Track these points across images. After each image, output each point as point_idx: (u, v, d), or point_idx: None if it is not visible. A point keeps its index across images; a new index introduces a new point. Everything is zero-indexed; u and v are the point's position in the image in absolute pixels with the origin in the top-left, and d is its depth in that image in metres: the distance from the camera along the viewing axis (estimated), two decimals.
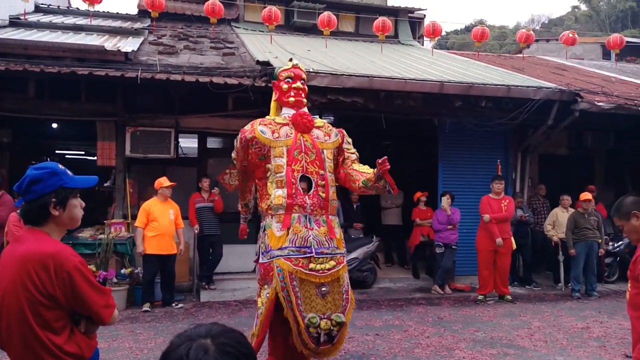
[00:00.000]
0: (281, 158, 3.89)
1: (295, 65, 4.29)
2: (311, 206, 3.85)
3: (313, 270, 3.73)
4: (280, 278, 3.73)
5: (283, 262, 3.74)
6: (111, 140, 8.05)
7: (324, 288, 3.76)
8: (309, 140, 4.00)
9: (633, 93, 9.90)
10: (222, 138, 9.39)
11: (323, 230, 3.85)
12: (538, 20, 56.48)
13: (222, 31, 11.31)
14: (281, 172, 3.87)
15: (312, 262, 3.74)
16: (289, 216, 3.81)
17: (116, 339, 5.76)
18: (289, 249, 3.75)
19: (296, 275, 3.72)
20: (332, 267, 3.79)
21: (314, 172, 3.93)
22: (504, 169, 9.37)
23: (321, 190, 3.91)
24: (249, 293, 8.02)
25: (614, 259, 9.48)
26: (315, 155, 3.95)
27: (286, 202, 3.81)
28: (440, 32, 11.73)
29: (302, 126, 4.01)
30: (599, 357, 5.34)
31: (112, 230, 7.62)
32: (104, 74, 7.22)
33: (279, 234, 3.80)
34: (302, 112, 4.08)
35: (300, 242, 3.76)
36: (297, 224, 3.79)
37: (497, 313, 7.24)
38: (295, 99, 4.12)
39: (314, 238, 3.79)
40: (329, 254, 3.81)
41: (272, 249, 3.80)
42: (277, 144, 3.92)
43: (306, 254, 3.74)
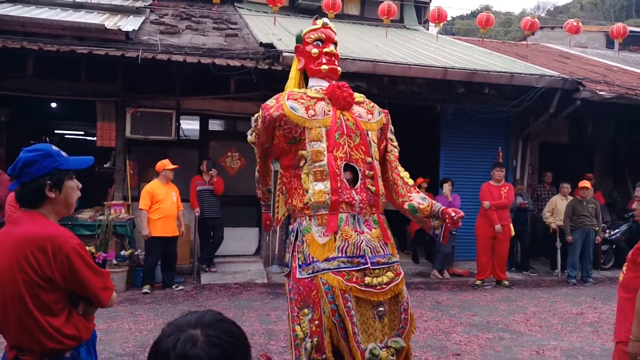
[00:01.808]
0: (320, 142, 2.99)
1: (325, 24, 3.34)
2: (360, 203, 2.98)
3: (370, 286, 2.88)
4: (330, 298, 2.86)
5: (332, 277, 2.86)
6: (111, 121, 8.02)
7: (381, 308, 2.92)
8: (351, 120, 3.10)
9: (634, 83, 9.88)
10: (224, 120, 9.38)
11: (376, 233, 2.99)
12: (544, 7, 56.08)
13: (225, 12, 11.23)
14: (321, 160, 2.97)
15: (367, 275, 2.89)
16: (334, 217, 2.93)
17: (115, 320, 5.81)
18: (338, 259, 2.88)
19: (351, 294, 2.85)
20: (390, 281, 2.94)
21: (359, 160, 3.04)
22: (504, 156, 9.39)
23: (370, 182, 3.04)
24: (250, 276, 8.08)
25: (610, 247, 9.56)
26: (360, 139, 3.07)
27: (330, 198, 2.92)
28: (445, 18, 11.66)
29: (342, 101, 3.10)
30: (591, 342, 5.42)
31: (112, 212, 7.62)
32: (104, 53, 7.17)
33: (322, 241, 2.92)
34: (340, 83, 3.16)
35: (352, 251, 2.89)
36: (345, 227, 2.93)
37: (494, 298, 7.31)
38: (329, 66, 3.20)
39: (367, 244, 2.93)
40: (385, 263, 2.96)
41: (315, 261, 2.91)
42: (313, 124, 3.02)
43: (360, 266, 2.88)
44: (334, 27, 3.35)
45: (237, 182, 9.04)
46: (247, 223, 9.06)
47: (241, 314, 6.11)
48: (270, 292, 7.27)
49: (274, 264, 8.54)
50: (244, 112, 8.69)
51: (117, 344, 5.08)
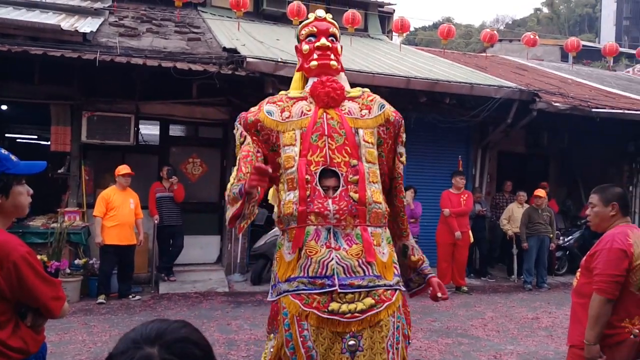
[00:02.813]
0: (292, 147, 2.64)
1: (318, 17, 2.93)
2: (336, 214, 2.51)
3: (335, 313, 2.41)
4: (286, 325, 2.47)
5: (290, 300, 2.48)
6: (66, 125, 7.75)
7: (352, 341, 2.42)
8: (336, 118, 2.69)
9: (587, 95, 10.27)
10: (185, 126, 9.24)
11: (356, 249, 2.50)
12: (502, 20, 57.81)
13: (187, 15, 11.10)
14: (292, 166, 2.60)
15: (334, 299, 2.43)
16: (301, 231, 2.53)
17: (68, 332, 5.60)
18: (299, 279, 2.48)
19: (308, 322, 2.43)
20: (367, 309, 2.44)
21: (341, 163, 2.60)
22: (464, 164, 9.57)
23: (353, 189, 2.56)
24: (211, 285, 7.95)
25: (563, 253, 9.86)
26: (344, 139, 2.65)
27: (297, 209, 2.54)
28: (408, 28, 11.85)
29: (325, 97, 2.71)
30: (546, 346, 5.56)
31: (65, 219, 7.36)
32: (60, 55, 6.95)
33: (288, 258, 2.56)
34: (325, 78, 2.76)
35: (315, 270, 2.46)
36: (312, 242, 2.50)
37: (453, 304, 7.41)
38: (318, 62, 2.79)
39: (340, 262, 2.46)
40: (363, 287, 2.45)
41: (279, 281, 2.57)
42: (286, 126, 2.67)
43: (324, 288, 2.43)
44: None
45: (198, 188, 8.91)
46: (208, 231, 8.92)
47: (201, 324, 5.99)
48: (231, 301, 7.16)
49: (236, 273, 8.43)
50: (206, 117, 8.60)
51: (70, 356, 4.90)
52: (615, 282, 2.68)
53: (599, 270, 2.73)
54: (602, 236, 2.88)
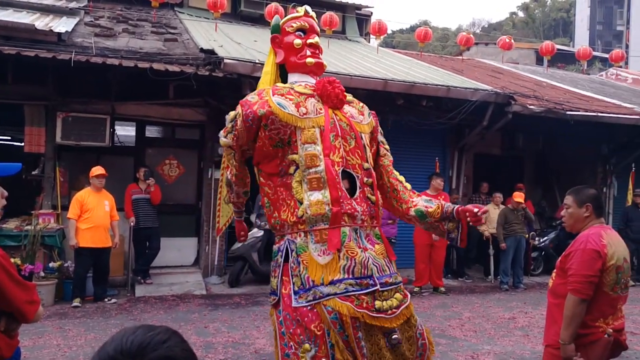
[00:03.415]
0: (314, 145, 2.56)
1: (307, 13, 2.92)
2: (362, 215, 2.57)
3: (381, 311, 2.45)
4: (339, 329, 2.41)
5: (340, 303, 2.41)
6: (40, 126, 7.62)
7: (395, 335, 2.48)
8: (344, 120, 2.70)
9: (561, 98, 10.46)
10: (162, 127, 9.15)
11: (380, 249, 2.60)
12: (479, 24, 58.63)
13: (164, 16, 10.99)
14: (317, 165, 2.53)
15: (376, 298, 2.46)
16: (337, 232, 2.49)
17: (42, 336, 5.50)
18: (345, 281, 2.44)
19: (361, 322, 2.42)
20: (400, 303, 2.53)
21: (356, 166, 2.63)
22: (441, 166, 9.66)
23: (369, 191, 2.64)
24: (188, 287, 7.87)
25: (539, 253, 10.02)
26: (355, 141, 2.67)
27: (331, 210, 2.49)
28: (385, 31, 11.93)
29: (335, 98, 2.70)
30: (522, 346, 5.63)
31: (40, 222, 7.23)
32: (34, 54, 6.82)
33: (323, 260, 2.48)
34: (330, 78, 2.76)
35: (360, 270, 2.46)
36: (350, 243, 2.50)
37: (431, 304, 7.47)
38: (315, 59, 2.79)
39: (374, 262, 2.52)
40: (393, 284, 2.56)
41: (316, 285, 2.45)
42: (306, 123, 2.59)
43: (369, 288, 2.46)
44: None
45: (175, 190, 8.83)
46: (185, 233, 8.84)
47: (178, 327, 5.92)
48: (209, 304, 7.11)
49: (214, 275, 8.38)
50: (183, 118, 8.53)
51: None
52: (589, 283, 2.72)
53: (573, 271, 2.77)
54: (576, 237, 2.93)
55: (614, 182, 11.28)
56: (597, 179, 11.17)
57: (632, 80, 16.42)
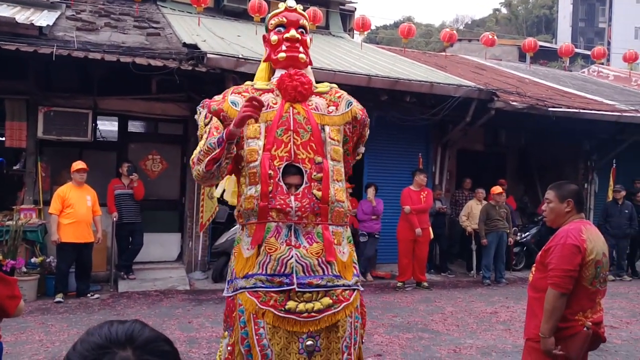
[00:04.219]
0: (256, 140, 2.59)
1: (289, 7, 2.91)
2: (298, 211, 2.49)
3: (292, 312, 2.40)
4: (242, 322, 2.45)
5: (247, 297, 2.45)
6: (21, 120, 7.53)
7: (309, 342, 2.42)
8: (302, 113, 2.66)
9: (544, 94, 10.58)
10: (145, 122, 9.08)
11: (316, 248, 2.50)
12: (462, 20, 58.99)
13: (146, 10, 10.86)
14: (255, 160, 2.56)
15: (292, 298, 2.43)
16: (261, 227, 2.51)
17: (25, 331, 5.45)
18: (257, 277, 2.46)
19: (264, 320, 2.42)
20: (325, 309, 2.44)
21: (306, 160, 2.58)
22: (424, 162, 9.72)
23: (316, 186, 2.56)
24: (171, 283, 7.85)
25: (521, 249, 10.16)
26: (310, 135, 2.62)
27: (258, 204, 2.51)
28: (369, 27, 11.96)
29: (292, 91, 2.67)
30: (504, 340, 5.71)
31: (21, 217, 7.16)
32: (15, 48, 6.71)
33: (247, 254, 2.53)
34: (293, 71, 2.72)
35: (274, 267, 2.44)
36: (272, 239, 2.49)
37: (414, 299, 7.54)
38: (287, 54, 2.76)
39: (300, 261, 2.45)
40: (321, 286, 2.46)
41: (236, 277, 2.54)
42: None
43: (282, 286, 2.43)
44: (260, 30, 3.13)
45: (158, 185, 8.78)
46: (168, 228, 8.80)
47: (161, 322, 5.91)
48: (192, 299, 7.09)
49: (197, 270, 8.35)
50: (166, 113, 8.48)
51: (27, 356, 4.77)
52: (569, 277, 2.76)
53: (553, 265, 2.81)
54: (556, 232, 2.98)
55: (595, 179, 11.43)
56: (578, 175, 11.33)
57: (614, 77, 16.63)
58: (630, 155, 10.78)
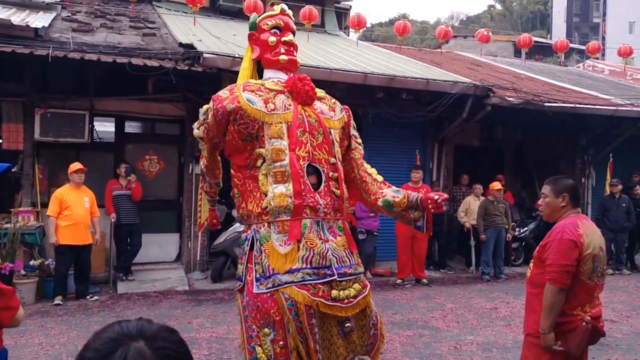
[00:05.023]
0: (280, 139, 2.69)
1: (284, 11, 3.03)
2: (325, 208, 2.70)
3: (337, 300, 2.60)
4: (294, 315, 2.56)
5: (297, 291, 2.56)
6: (18, 123, 7.52)
7: (348, 324, 2.65)
8: (313, 116, 2.81)
9: (539, 90, 10.60)
10: (142, 122, 9.06)
11: (341, 241, 2.73)
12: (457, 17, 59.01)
13: (142, 10, 10.84)
14: (282, 159, 2.67)
15: (334, 288, 2.61)
16: (297, 223, 2.64)
17: (24, 335, 5.44)
18: (303, 271, 2.58)
19: (316, 310, 2.56)
20: (358, 293, 2.68)
21: (322, 161, 2.76)
22: (422, 158, 9.74)
23: (334, 185, 2.77)
24: (170, 283, 7.85)
25: (520, 244, 10.17)
26: (322, 137, 2.79)
27: (293, 202, 2.63)
28: (364, 24, 11.96)
29: (304, 95, 2.81)
30: (504, 335, 5.72)
31: (19, 219, 7.15)
32: (10, 50, 6.69)
33: (284, 250, 2.63)
34: (301, 75, 2.86)
35: (318, 261, 2.60)
36: (310, 234, 2.64)
37: (414, 296, 7.55)
38: (288, 57, 2.90)
39: (333, 253, 2.66)
40: (352, 274, 2.70)
41: (275, 273, 2.61)
42: (273, 119, 2.71)
43: (326, 277, 2.60)
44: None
45: (155, 186, 8.76)
46: (167, 229, 8.80)
47: (161, 323, 5.90)
48: (192, 300, 7.10)
49: (196, 271, 8.35)
50: (163, 114, 8.46)
51: (27, 359, 4.77)
52: (566, 272, 2.77)
53: (550, 261, 2.82)
54: (553, 227, 2.99)
55: (592, 173, 11.47)
56: (575, 170, 11.36)
57: (609, 72, 16.67)
58: (626, 149, 10.84)
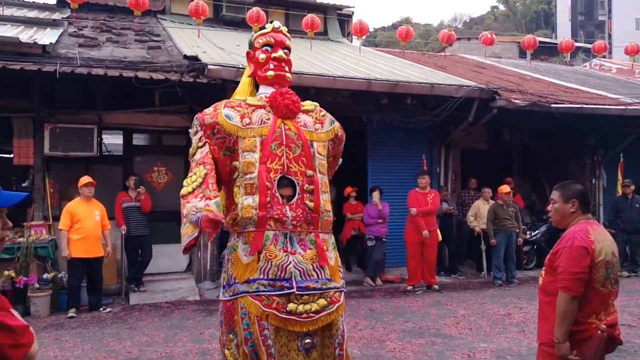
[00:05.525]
0: (252, 153, 2.80)
1: (276, 28, 3.14)
2: (293, 220, 2.74)
3: (293, 314, 2.64)
4: (245, 325, 2.66)
5: (250, 301, 2.65)
6: (28, 138, 7.61)
7: (308, 339, 2.68)
8: (293, 129, 2.90)
9: (546, 91, 10.55)
10: (149, 134, 9.13)
11: (310, 254, 2.75)
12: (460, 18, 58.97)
13: (147, 23, 10.95)
14: (252, 172, 2.77)
15: (292, 301, 2.65)
16: (260, 235, 2.72)
17: (39, 348, 5.43)
18: (258, 282, 2.66)
19: (268, 322, 2.63)
20: (321, 309, 2.70)
21: (298, 173, 2.83)
22: (428, 163, 9.71)
23: (308, 197, 2.81)
24: (181, 294, 7.88)
25: (531, 247, 10.06)
26: (301, 150, 2.86)
27: (257, 214, 2.72)
28: (367, 31, 12.01)
29: (284, 109, 2.90)
30: (519, 342, 5.65)
31: (32, 233, 7.21)
32: (19, 68, 6.79)
33: (246, 260, 2.72)
34: (283, 90, 2.96)
35: (275, 273, 2.66)
36: (271, 246, 2.70)
37: (425, 303, 7.51)
38: (275, 72, 3.00)
39: (297, 266, 2.69)
40: (317, 289, 2.71)
41: (236, 282, 2.72)
42: (247, 133, 2.83)
43: (283, 290, 2.65)
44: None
45: (164, 197, 8.79)
46: (176, 239, 8.58)
47: (173, 334, 5.93)
48: (203, 310, 7.11)
49: (207, 280, 8.38)
50: (170, 125, 8.52)
51: None
52: (578, 280, 2.73)
53: (562, 269, 2.78)
54: (563, 233, 2.97)
55: (603, 174, 11.30)
56: (585, 171, 11.26)
57: (616, 70, 16.51)
58: (637, 148, 10.67)
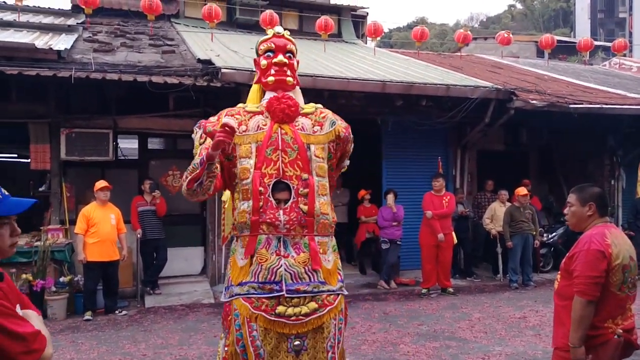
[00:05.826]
0: (248, 159, 2.84)
1: (277, 33, 3.17)
2: (287, 224, 2.76)
3: (282, 316, 2.68)
4: (237, 326, 2.73)
5: (241, 303, 2.73)
6: (45, 143, 7.72)
7: (297, 342, 2.71)
8: (289, 133, 2.91)
9: (564, 91, 10.39)
10: (164, 139, 9.18)
11: (302, 257, 2.76)
12: (477, 18, 58.51)
13: (161, 28, 11.02)
14: (247, 177, 2.82)
15: (281, 303, 2.70)
16: (254, 239, 2.78)
17: (56, 351, 5.51)
18: (249, 284, 2.73)
19: (257, 323, 2.70)
20: (311, 312, 2.72)
21: (293, 177, 2.84)
22: (444, 165, 9.62)
23: (303, 201, 2.81)
24: (196, 297, 7.91)
25: (548, 250, 9.91)
26: (297, 153, 2.87)
27: (250, 219, 2.77)
28: (381, 32, 11.95)
29: (280, 113, 2.92)
30: (534, 346, 5.59)
31: (49, 237, 7.32)
32: (35, 73, 6.90)
33: (241, 264, 2.80)
34: (281, 94, 2.98)
35: (265, 276, 2.71)
36: (263, 250, 2.75)
37: (440, 306, 7.44)
38: (276, 77, 3.00)
39: (288, 269, 2.72)
40: (308, 292, 2.73)
41: (232, 284, 2.82)
42: (243, 139, 2.87)
43: (272, 292, 2.69)
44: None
45: (179, 201, 8.82)
46: (191, 242, 8.87)
47: (188, 337, 5.96)
48: (217, 313, 7.11)
49: (221, 283, 8.39)
50: (184, 129, 8.53)
51: None
52: (594, 284, 2.70)
53: (578, 273, 2.75)
54: (580, 237, 2.91)
55: (623, 175, 11.09)
56: (604, 172, 11.06)
57: (637, 69, 16.18)
58: None
